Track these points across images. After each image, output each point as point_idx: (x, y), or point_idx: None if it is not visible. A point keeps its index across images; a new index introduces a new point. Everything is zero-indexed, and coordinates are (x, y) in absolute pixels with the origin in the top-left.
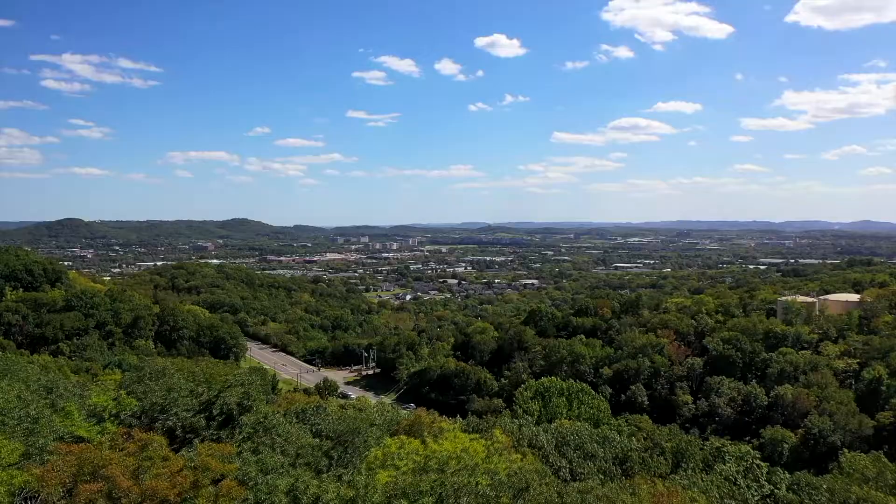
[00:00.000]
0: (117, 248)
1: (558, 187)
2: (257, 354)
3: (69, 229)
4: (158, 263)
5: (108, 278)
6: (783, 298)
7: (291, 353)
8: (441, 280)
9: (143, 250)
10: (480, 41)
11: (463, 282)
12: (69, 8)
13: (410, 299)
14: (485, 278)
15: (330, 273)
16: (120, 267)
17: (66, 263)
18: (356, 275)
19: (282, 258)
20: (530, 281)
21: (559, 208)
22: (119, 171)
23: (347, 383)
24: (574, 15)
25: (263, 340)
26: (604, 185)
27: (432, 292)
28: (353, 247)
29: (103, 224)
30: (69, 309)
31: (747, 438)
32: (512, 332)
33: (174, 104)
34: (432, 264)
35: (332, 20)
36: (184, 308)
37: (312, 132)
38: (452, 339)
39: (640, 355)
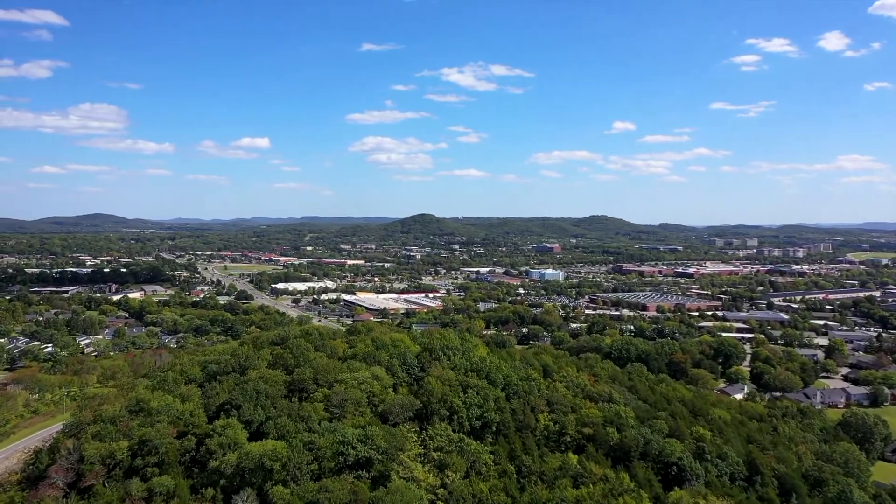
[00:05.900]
0: (455, 246)
1: None
2: None
3: (420, 224)
4: (483, 269)
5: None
6: None
7: None
8: None
9: (481, 250)
10: (877, 5)
11: None
12: (444, 24)
13: None
14: None
15: (721, 305)
16: (434, 275)
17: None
18: (778, 317)
19: (643, 267)
20: None
21: None
22: (494, 172)
23: None
24: None
25: None
26: None
27: None
28: (742, 252)
29: (454, 221)
30: None
31: None
32: None
33: (539, 107)
34: (893, 288)
35: (700, 6)
36: None
37: (675, 126)
38: None
39: None
